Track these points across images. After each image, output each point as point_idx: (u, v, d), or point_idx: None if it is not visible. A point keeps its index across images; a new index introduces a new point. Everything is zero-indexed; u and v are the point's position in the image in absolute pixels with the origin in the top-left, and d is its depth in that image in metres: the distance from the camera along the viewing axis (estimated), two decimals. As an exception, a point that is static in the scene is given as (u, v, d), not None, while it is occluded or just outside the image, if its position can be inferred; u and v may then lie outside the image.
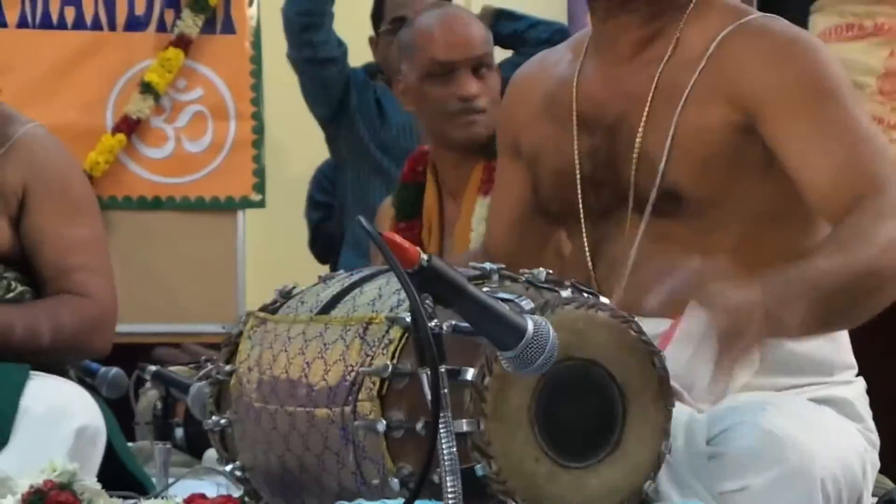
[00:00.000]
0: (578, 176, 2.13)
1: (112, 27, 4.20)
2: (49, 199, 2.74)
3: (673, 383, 1.72)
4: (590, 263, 2.14)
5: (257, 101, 4.28)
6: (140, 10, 4.20)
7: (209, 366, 2.64)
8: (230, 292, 4.21)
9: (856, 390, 2.10)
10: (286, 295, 2.06)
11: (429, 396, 1.53)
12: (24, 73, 3.60)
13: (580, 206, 2.14)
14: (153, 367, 2.66)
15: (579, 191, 2.13)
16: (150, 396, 2.88)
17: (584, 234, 2.14)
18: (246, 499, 2.07)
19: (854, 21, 5.61)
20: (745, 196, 2.03)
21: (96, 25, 4.18)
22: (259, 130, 4.27)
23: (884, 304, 1.89)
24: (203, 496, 2.10)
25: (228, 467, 2.05)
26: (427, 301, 1.53)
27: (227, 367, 2.05)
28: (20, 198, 2.71)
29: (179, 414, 2.82)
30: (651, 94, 2.08)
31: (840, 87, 2.02)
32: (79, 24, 4.16)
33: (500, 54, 3.72)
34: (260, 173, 4.27)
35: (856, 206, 1.88)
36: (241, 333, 2.07)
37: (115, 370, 2.83)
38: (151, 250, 4.07)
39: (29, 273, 2.73)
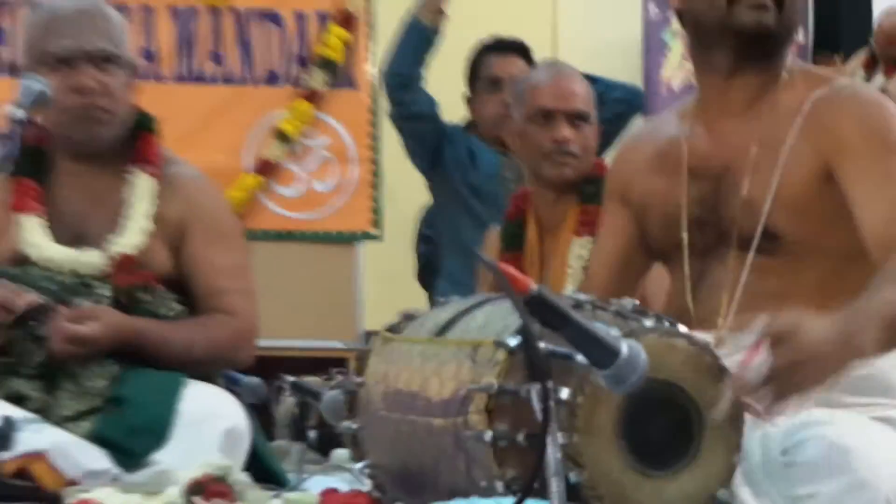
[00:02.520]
0: (685, 219, 2.20)
1: (250, 81, 4.31)
2: (203, 231, 2.80)
3: (748, 400, 1.75)
4: (688, 294, 2.20)
5: (375, 147, 4.34)
6: (275, 66, 4.29)
7: (339, 377, 2.74)
8: (350, 313, 4.28)
9: None
10: (408, 318, 2.13)
11: (536, 409, 1.59)
12: (177, 120, 3.63)
13: (685, 244, 2.21)
14: (291, 378, 2.74)
15: (684, 231, 2.20)
16: (288, 403, 2.92)
17: (687, 268, 2.21)
18: (374, 493, 2.11)
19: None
20: (833, 236, 2.11)
21: (238, 80, 4.30)
22: (377, 173, 4.34)
23: None
24: (335, 490, 2.16)
25: (359, 465, 2.12)
26: (536, 325, 1.60)
27: (358, 380, 2.12)
28: (180, 229, 2.78)
29: (314, 419, 2.87)
30: (755, 147, 2.15)
31: None
32: (224, 78, 4.26)
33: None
34: (377, 211, 4.36)
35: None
36: (370, 351, 2.14)
37: (255, 380, 2.89)
38: (283, 276, 4.13)
39: (185, 294, 2.79)
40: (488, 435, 1.73)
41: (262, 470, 2.60)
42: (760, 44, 2.20)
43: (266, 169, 4.25)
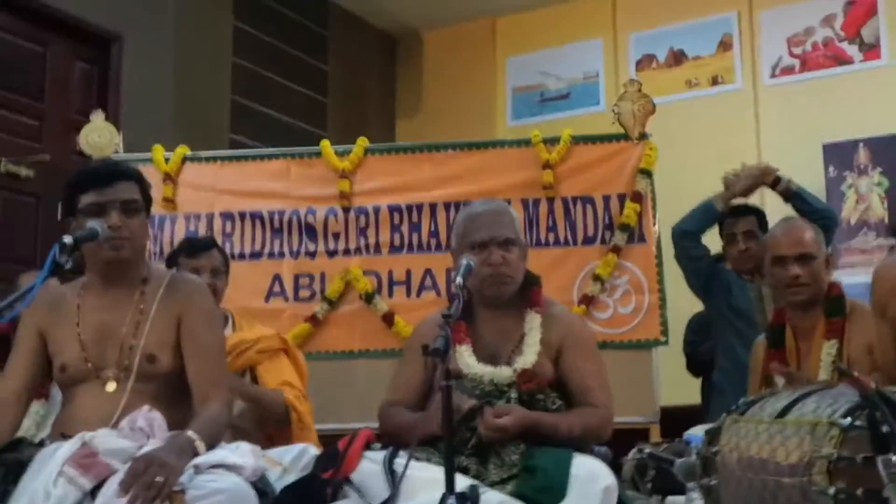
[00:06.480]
0: None
1: (574, 243, 4.27)
2: (574, 348, 2.76)
3: None
4: None
5: (661, 282, 4.23)
6: (591, 232, 4.26)
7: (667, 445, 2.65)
8: (649, 396, 4.13)
9: None
10: (748, 404, 2.04)
11: (882, 472, 1.49)
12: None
13: None
14: (647, 450, 2.66)
15: None
16: (629, 464, 2.82)
17: None
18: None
19: None
20: None
21: (566, 243, 4.27)
22: (663, 299, 4.21)
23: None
24: None
25: (716, 512, 2.02)
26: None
27: (713, 449, 2.03)
28: (558, 348, 2.76)
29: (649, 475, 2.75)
30: None
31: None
32: (556, 242, 4.26)
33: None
34: (664, 324, 4.20)
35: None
36: (719, 428, 2.05)
37: (604, 448, 2.79)
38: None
39: (562, 393, 2.75)
40: (832, 490, 1.62)
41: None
42: None
43: (588, 301, 4.17)
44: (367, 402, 3.80)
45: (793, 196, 4.00)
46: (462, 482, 2.26)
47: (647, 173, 4.25)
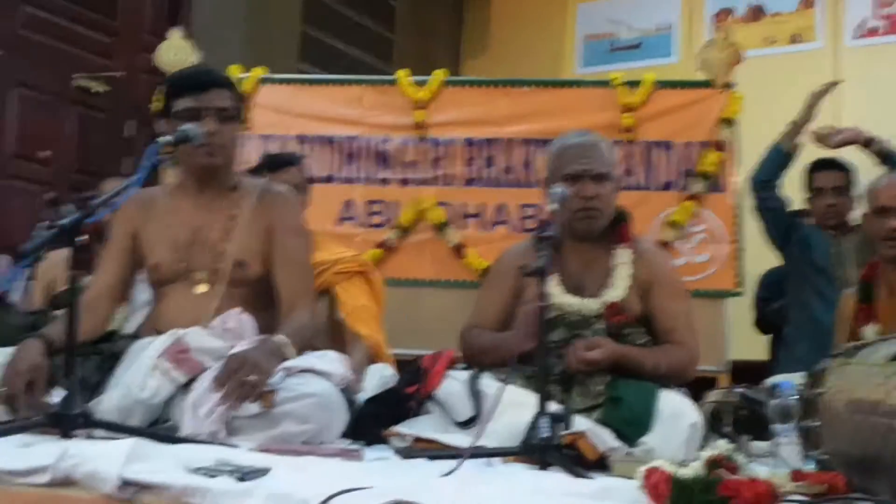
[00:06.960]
0: None
1: (652, 188, 4.22)
2: (662, 286, 2.71)
3: None
4: None
5: (738, 232, 4.17)
6: (669, 178, 4.21)
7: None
8: (719, 347, 4.07)
9: None
10: (856, 348, 1.98)
11: None
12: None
13: None
14: (738, 390, 2.61)
15: None
16: (707, 406, 2.77)
17: None
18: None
19: None
20: None
21: (643, 187, 4.22)
22: (739, 250, 4.15)
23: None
24: (801, 470, 1.99)
25: (814, 452, 1.98)
26: None
27: (817, 391, 1.98)
28: (646, 286, 2.71)
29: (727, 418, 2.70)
30: None
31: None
32: (634, 186, 4.19)
33: None
34: (740, 276, 4.14)
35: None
36: (824, 370, 2.00)
37: (684, 390, 2.75)
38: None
39: (649, 329, 2.70)
40: (949, 434, 1.58)
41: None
42: None
43: (662, 246, 4.09)
44: (434, 330, 3.84)
45: (887, 156, 3.89)
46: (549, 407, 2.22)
47: (729, 122, 4.17)
